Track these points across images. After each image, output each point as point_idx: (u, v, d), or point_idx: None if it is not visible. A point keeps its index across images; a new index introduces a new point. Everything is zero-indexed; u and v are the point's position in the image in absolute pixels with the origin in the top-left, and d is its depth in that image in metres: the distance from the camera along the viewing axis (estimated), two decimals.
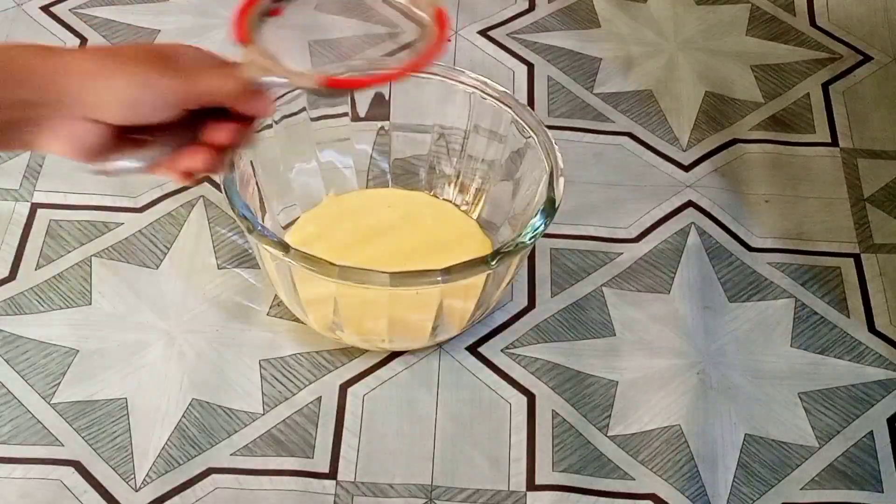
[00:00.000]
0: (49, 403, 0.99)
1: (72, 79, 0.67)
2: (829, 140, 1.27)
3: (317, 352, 1.05)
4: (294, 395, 1.02)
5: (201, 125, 0.74)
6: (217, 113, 0.74)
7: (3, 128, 0.67)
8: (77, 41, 1.28)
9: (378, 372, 1.04)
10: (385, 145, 1.12)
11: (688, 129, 1.26)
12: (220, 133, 0.73)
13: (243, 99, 0.74)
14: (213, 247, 1.11)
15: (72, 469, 0.95)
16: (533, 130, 1.04)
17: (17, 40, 0.72)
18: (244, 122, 0.75)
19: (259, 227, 0.94)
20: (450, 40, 0.81)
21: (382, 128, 1.11)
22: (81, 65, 0.68)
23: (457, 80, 1.06)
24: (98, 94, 0.67)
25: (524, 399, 1.03)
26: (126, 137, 0.71)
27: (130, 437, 0.98)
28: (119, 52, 0.70)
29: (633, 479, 0.98)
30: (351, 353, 1.05)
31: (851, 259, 1.16)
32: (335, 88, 0.79)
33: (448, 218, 1.11)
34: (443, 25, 0.82)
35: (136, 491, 0.95)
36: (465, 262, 0.94)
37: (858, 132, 1.28)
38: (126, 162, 0.72)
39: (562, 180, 0.99)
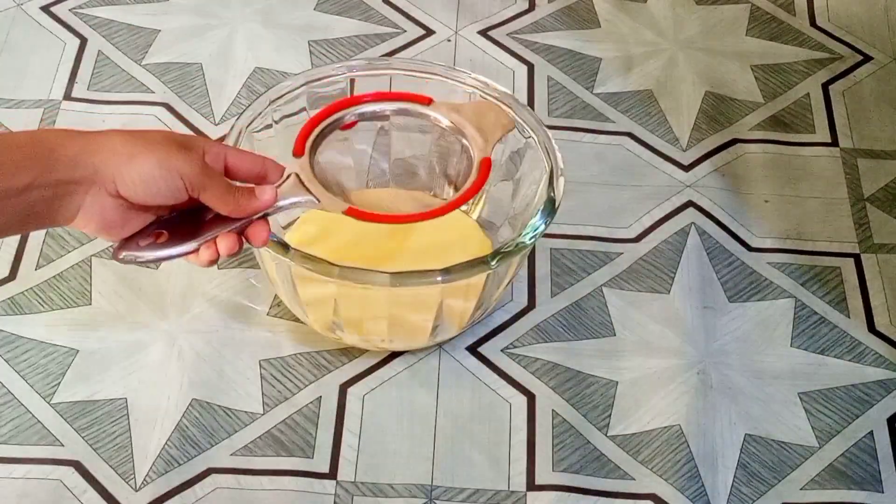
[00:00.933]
0: (49, 403, 0.99)
1: (101, 156, 0.73)
2: (829, 140, 1.27)
3: (317, 352, 1.05)
4: (294, 395, 1.02)
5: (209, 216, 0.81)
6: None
7: (38, 207, 0.72)
8: (77, 41, 1.28)
9: (378, 372, 1.04)
10: (385, 145, 1.12)
11: (688, 129, 1.26)
12: (223, 241, 0.81)
13: (239, 219, 0.81)
14: None
15: (72, 469, 0.95)
16: (533, 130, 1.04)
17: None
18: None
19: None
20: (479, 189, 0.92)
21: (382, 128, 1.10)
22: (111, 145, 0.73)
23: (457, 80, 1.06)
24: (121, 170, 0.73)
25: (524, 399, 1.03)
26: (147, 228, 0.78)
27: (130, 437, 0.98)
28: (145, 135, 0.76)
29: (633, 479, 0.98)
30: (351, 353, 1.05)
31: (851, 259, 1.16)
32: (358, 219, 0.88)
33: (448, 218, 1.11)
34: (485, 175, 0.93)
35: (136, 491, 0.95)
36: (465, 262, 0.94)
37: (858, 132, 1.28)
38: (149, 252, 0.79)
39: (562, 180, 0.99)
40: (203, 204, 0.79)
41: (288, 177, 0.85)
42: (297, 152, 0.90)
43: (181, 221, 0.80)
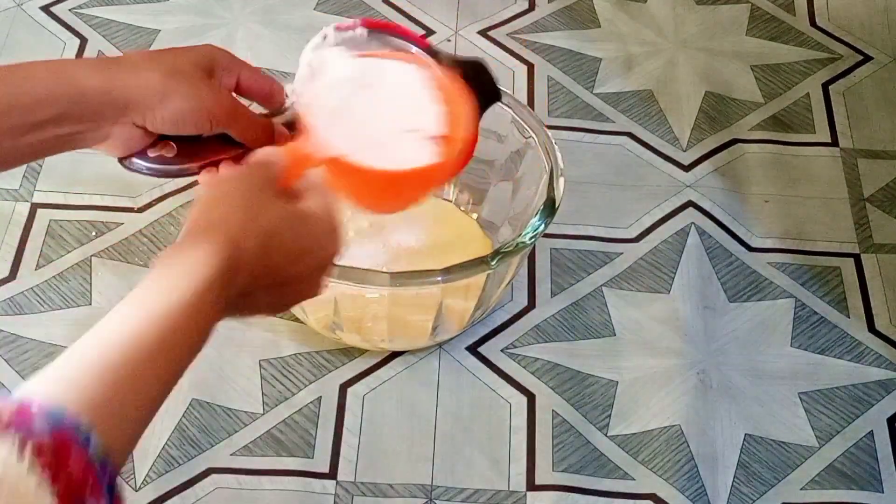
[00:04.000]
0: None
1: (132, 92, 0.72)
2: (829, 140, 1.27)
3: (317, 352, 1.05)
4: (294, 395, 1.02)
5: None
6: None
7: (62, 140, 0.71)
8: (77, 41, 1.28)
9: (378, 372, 1.04)
10: None
11: (688, 129, 1.26)
12: (224, 168, 0.79)
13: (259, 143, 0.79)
14: None
15: None
16: (533, 130, 1.04)
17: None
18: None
19: None
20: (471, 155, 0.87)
21: None
22: (146, 79, 0.72)
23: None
24: (153, 108, 0.73)
25: (524, 399, 1.03)
26: (156, 141, 0.77)
27: None
28: (175, 68, 0.74)
29: (633, 479, 0.98)
30: (351, 353, 1.05)
31: (851, 259, 1.16)
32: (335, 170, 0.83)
33: (448, 218, 1.11)
34: (469, 152, 0.85)
35: (136, 491, 0.95)
36: (465, 262, 0.94)
37: (858, 132, 1.28)
38: (158, 165, 0.78)
39: (562, 180, 0.99)
40: None
41: (288, 111, 0.83)
42: (293, 88, 0.85)
43: (189, 140, 0.79)
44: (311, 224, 0.65)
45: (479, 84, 0.91)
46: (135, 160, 0.78)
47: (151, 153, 0.78)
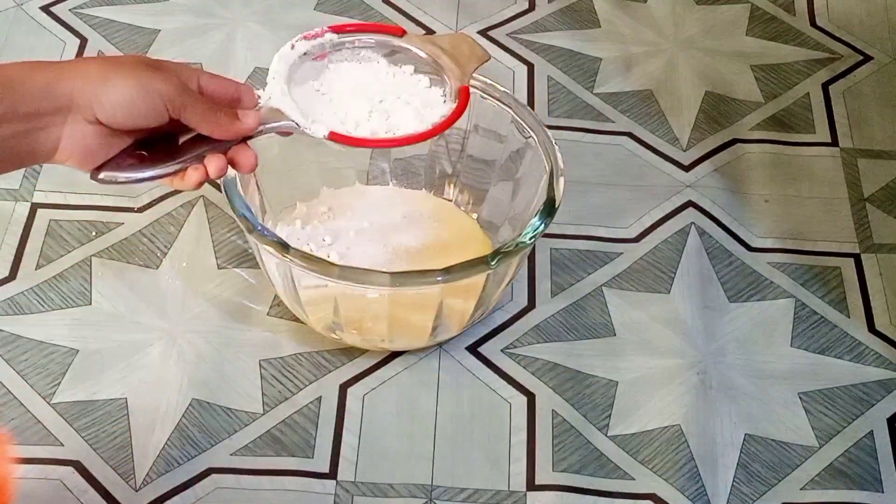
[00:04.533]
0: (49, 403, 0.99)
1: (74, 83, 0.70)
2: (829, 140, 1.27)
3: (317, 352, 1.05)
4: (294, 395, 1.02)
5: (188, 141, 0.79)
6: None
7: (13, 142, 0.70)
8: (77, 41, 1.28)
9: (378, 372, 1.04)
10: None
11: (688, 129, 1.26)
12: (211, 162, 0.80)
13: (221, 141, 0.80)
14: (213, 247, 1.11)
15: (72, 469, 0.95)
16: (533, 130, 1.04)
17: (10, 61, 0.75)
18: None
19: (259, 227, 0.94)
20: (460, 116, 0.89)
21: None
22: (85, 70, 0.71)
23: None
24: (98, 94, 0.71)
25: (524, 399, 1.03)
26: (126, 151, 0.76)
27: (130, 437, 0.98)
28: (118, 59, 0.74)
29: (633, 479, 0.98)
30: (351, 353, 1.05)
31: (851, 259, 1.16)
32: (340, 143, 0.85)
33: (448, 218, 1.11)
34: (462, 103, 0.89)
35: (136, 491, 0.95)
36: (465, 262, 0.94)
37: (858, 132, 1.28)
38: (131, 173, 0.78)
39: (562, 180, 0.99)
40: (184, 127, 0.77)
41: (261, 103, 0.83)
42: (272, 77, 0.87)
43: (162, 144, 0.78)
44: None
45: (465, 50, 0.93)
46: (105, 172, 0.77)
47: (123, 163, 0.77)
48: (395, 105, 0.88)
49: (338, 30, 0.90)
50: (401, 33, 0.92)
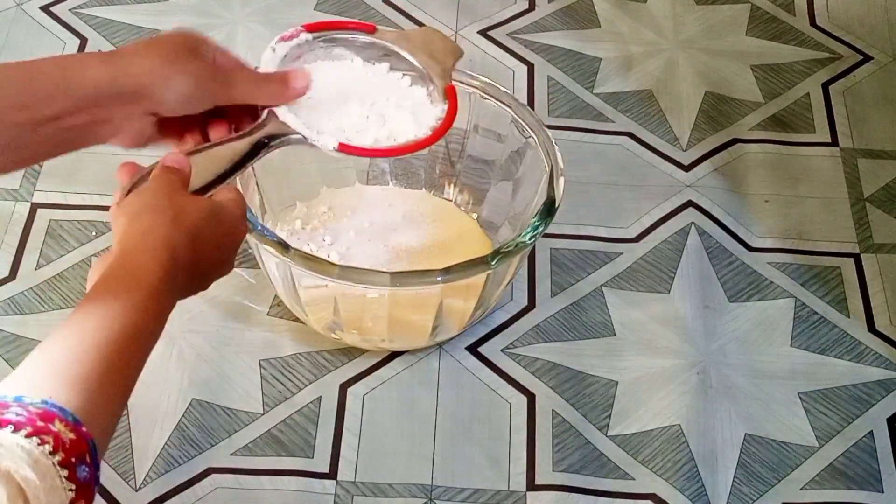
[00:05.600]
0: None
1: (141, 79, 0.73)
2: (829, 140, 1.27)
3: (317, 352, 1.05)
4: (294, 395, 1.02)
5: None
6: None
7: (75, 132, 0.72)
8: (77, 41, 1.28)
9: (378, 372, 1.04)
10: None
11: (688, 129, 1.26)
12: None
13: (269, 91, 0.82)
14: None
15: None
16: (533, 130, 1.04)
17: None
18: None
19: (259, 227, 0.94)
20: (455, 116, 0.88)
21: None
22: (145, 66, 0.74)
23: (456, 80, 1.06)
24: (162, 94, 0.74)
25: (524, 399, 1.03)
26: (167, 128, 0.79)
27: (130, 437, 0.98)
28: (173, 54, 0.75)
29: (633, 479, 0.98)
30: (351, 353, 1.05)
31: (851, 259, 1.16)
32: (350, 154, 0.85)
33: (448, 218, 1.11)
34: (453, 103, 0.89)
35: (136, 491, 0.95)
36: (465, 262, 0.94)
37: (858, 132, 1.28)
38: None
39: (562, 180, 0.99)
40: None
41: (267, 116, 0.82)
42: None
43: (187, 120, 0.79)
44: (226, 213, 0.73)
45: (439, 46, 0.92)
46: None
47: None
48: (388, 108, 0.87)
49: (312, 28, 0.90)
50: (372, 30, 0.91)
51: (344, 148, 0.83)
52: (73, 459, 0.53)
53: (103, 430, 0.58)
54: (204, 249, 0.69)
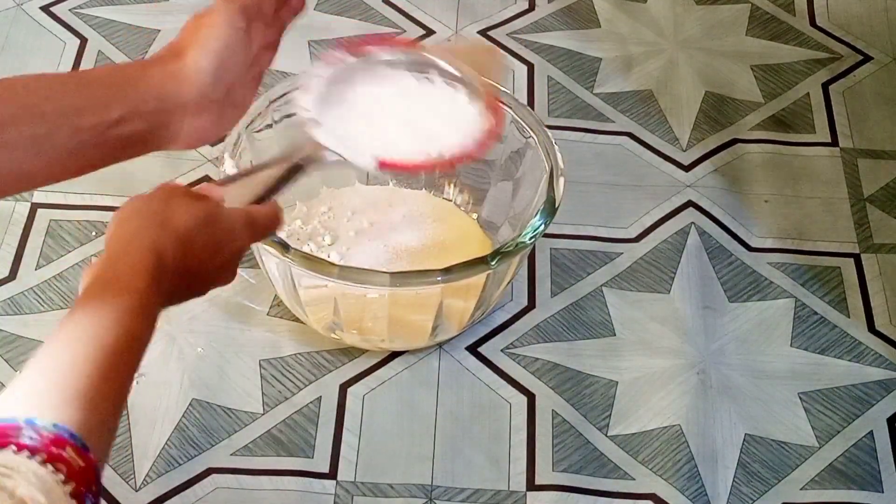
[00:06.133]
0: None
1: (186, 87, 0.73)
2: (829, 140, 1.27)
3: (317, 352, 1.05)
4: (294, 395, 1.02)
5: None
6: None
7: (136, 137, 0.72)
8: (77, 41, 1.28)
9: (378, 372, 1.04)
10: None
11: (688, 129, 1.26)
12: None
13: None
14: None
15: None
16: (533, 130, 1.04)
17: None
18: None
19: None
20: (502, 127, 0.85)
21: None
22: (192, 70, 0.73)
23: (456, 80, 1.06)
24: (208, 93, 0.74)
25: (524, 399, 1.03)
26: None
27: (130, 437, 0.98)
28: (221, 56, 0.75)
29: (633, 479, 0.98)
30: (351, 353, 1.05)
31: (851, 259, 1.16)
32: (392, 170, 0.85)
33: (448, 218, 1.11)
34: (498, 118, 0.85)
35: (136, 491, 0.95)
36: (465, 262, 0.94)
37: (858, 132, 1.28)
38: None
39: (562, 180, 0.99)
40: None
41: (304, 138, 0.81)
42: (306, 106, 0.84)
43: None
44: (224, 219, 0.71)
45: (484, 59, 0.90)
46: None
47: None
48: (429, 120, 0.86)
49: (355, 48, 0.89)
50: (417, 48, 0.90)
51: (385, 165, 0.81)
52: (82, 489, 0.53)
53: (103, 448, 0.58)
54: (197, 254, 0.68)
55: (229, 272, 0.73)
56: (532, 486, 0.97)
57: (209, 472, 0.96)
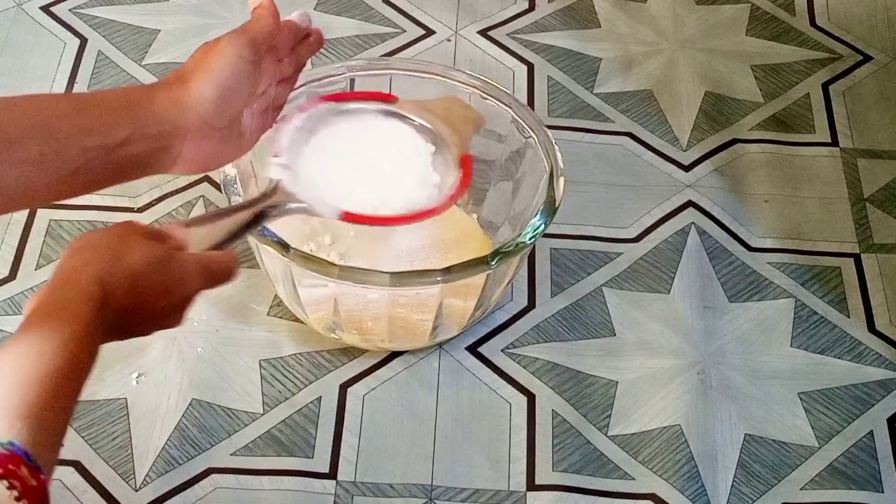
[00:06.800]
0: None
1: (192, 111, 0.75)
2: (829, 140, 1.27)
3: (317, 352, 1.05)
4: (294, 395, 1.02)
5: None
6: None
7: (139, 159, 0.73)
8: (77, 41, 1.28)
9: (378, 372, 1.04)
10: None
11: (688, 129, 1.26)
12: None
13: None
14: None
15: (72, 469, 0.95)
16: (533, 130, 1.04)
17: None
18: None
19: (259, 227, 0.93)
20: (468, 185, 0.89)
21: None
22: (195, 94, 0.75)
23: (456, 80, 1.06)
24: (212, 118, 0.75)
25: (524, 399, 1.03)
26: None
27: (130, 437, 0.98)
28: (223, 78, 0.76)
29: (633, 479, 0.98)
30: (351, 353, 1.05)
31: (851, 259, 1.16)
32: (354, 222, 0.85)
33: (448, 218, 1.11)
34: (467, 172, 0.89)
35: (136, 491, 0.95)
36: (465, 262, 0.94)
37: (858, 132, 1.28)
38: None
39: (562, 180, 0.99)
40: None
41: (272, 185, 0.82)
42: (276, 153, 0.85)
43: None
44: (177, 264, 0.70)
45: (460, 115, 0.93)
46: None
47: None
48: (397, 174, 0.88)
49: (332, 98, 0.90)
50: (394, 100, 0.92)
51: (348, 217, 0.83)
52: None
53: (49, 471, 0.58)
54: (145, 294, 0.68)
55: (177, 316, 0.73)
56: (532, 486, 0.97)
57: (209, 472, 0.96)
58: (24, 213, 1.12)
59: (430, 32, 1.33)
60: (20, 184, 0.68)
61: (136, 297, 0.67)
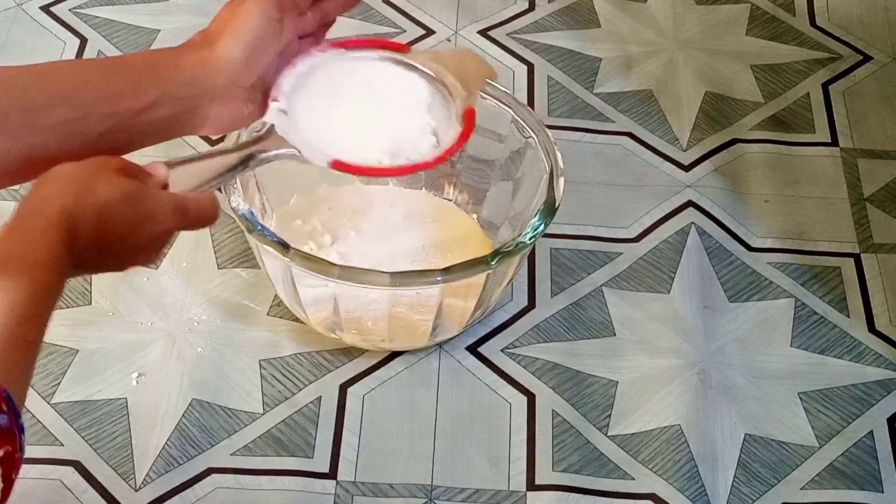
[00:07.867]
0: (49, 403, 0.99)
1: (219, 74, 0.75)
2: (829, 140, 1.27)
3: (317, 352, 1.05)
4: (294, 395, 1.02)
5: None
6: None
7: (167, 122, 0.74)
8: (77, 41, 1.28)
9: (378, 372, 1.04)
10: None
11: (688, 129, 1.26)
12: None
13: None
14: (213, 247, 1.11)
15: (72, 469, 0.95)
16: (533, 130, 1.04)
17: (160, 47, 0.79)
18: None
19: (259, 227, 0.94)
20: (467, 139, 0.86)
21: None
22: (224, 58, 0.75)
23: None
24: (242, 78, 0.76)
25: (524, 399, 1.03)
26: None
27: (130, 437, 0.98)
28: (252, 41, 0.76)
29: (633, 479, 0.98)
30: (351, 353, 1.05)
31: (851, 259, 1.16)
32: (344, 171, 0.83)
33: (448, 218, 1.11)
34: (468, 126, 0.86)
35: (136, 491, 0.95)
36: (465, 262, 0.94)
37: (858, 132, 1.28)
38: None
39: (562, 180, 0.99)
40: None
41: (265, 126, 0.80)
42: (275, 97, 0.82)
43: None
44: (150, 199, 0.69)
45: (471, 68, 0.91)
46: None
47: None
48: (395, 124, 0.85)
49: (341, 45, 0.88)
50: (406, 49, 0.90)
51: (339, 165, 0.81)
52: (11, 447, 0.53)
53: (17, 388, 0.58)
54: (114, 229, 0.67)
55: (150, 253, 0.71)
56: (532, 486, 0.97)
57: (209, 472, 0.96)
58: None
59: (430, 32, 1.33)
60: (46, 152, 0.68)
61: (103, 231, 0.66)
